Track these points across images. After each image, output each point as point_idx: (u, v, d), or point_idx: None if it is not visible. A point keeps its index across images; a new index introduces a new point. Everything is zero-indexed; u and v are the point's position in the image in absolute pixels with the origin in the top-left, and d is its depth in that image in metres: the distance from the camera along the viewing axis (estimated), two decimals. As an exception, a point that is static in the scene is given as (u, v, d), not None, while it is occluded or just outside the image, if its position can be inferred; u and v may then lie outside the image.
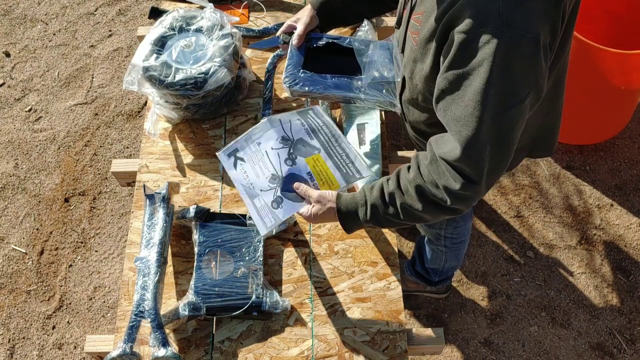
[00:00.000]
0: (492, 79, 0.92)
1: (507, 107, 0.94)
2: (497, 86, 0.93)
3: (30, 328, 2.11)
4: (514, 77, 0.92)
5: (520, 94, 0.94)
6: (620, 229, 2.26)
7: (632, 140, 2.47)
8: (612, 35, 2.34)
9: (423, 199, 1.05)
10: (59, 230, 2.31)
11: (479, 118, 0.94)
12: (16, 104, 2.67)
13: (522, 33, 0.90)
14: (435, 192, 1.03)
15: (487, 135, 0.96)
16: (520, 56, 0.91)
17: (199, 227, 1.33)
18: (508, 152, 1.01)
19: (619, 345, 2.02)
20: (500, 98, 0.94)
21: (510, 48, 0.90)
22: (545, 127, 1.30)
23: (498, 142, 0.98)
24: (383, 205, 1.10)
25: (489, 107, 0.94)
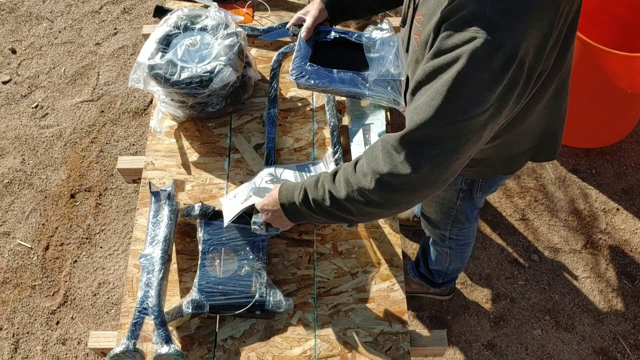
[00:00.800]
0: (461, 79, 0.90)
1: (468, 116, 0.91)
2: (465, 89, 0.90)
3: (34, 323, 2.12)
4: (482, 84, 0.90)
5: (482, 105, 0.91)
6: (625, 233, 2.25)
7: (638, 144, 2.46)
8: (618, 38, 2.32)
9: (347, 186, 1.03)
10: (64, 226, 2.32)
11: (435, 109, 0.91)
12: (23, 101, 2.68)
13: (502, 41, 0.88)
14: (360, 178, 1.01)
15: (435, 132, 0.93)
16: (495, 64, 0.89)
17: (203, 225, 1.33)
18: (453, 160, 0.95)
19: (623, 350, 2.01)
20: (464, 104, 0.91)
21: (487, 52, 0.88)
22: (547, 133, 1.29)
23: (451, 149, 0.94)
24: (314, 188, 1.09)
25: (448, 105, 0.91)
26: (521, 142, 1.27)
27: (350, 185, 1.03)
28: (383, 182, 0.98)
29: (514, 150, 1.30)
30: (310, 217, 1.14)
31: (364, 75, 1.33)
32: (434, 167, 0.96)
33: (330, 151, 1.46)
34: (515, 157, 1.32)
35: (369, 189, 1.00)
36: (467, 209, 1.54)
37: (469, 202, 1.50)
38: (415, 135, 0.95)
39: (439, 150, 0.94)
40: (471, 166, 1.33)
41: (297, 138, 1.52)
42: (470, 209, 1.55)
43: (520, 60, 0.90)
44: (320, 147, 1.50)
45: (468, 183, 1.42)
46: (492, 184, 1.45)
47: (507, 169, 1.37)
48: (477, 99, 0.90)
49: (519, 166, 1.37)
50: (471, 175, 1.39)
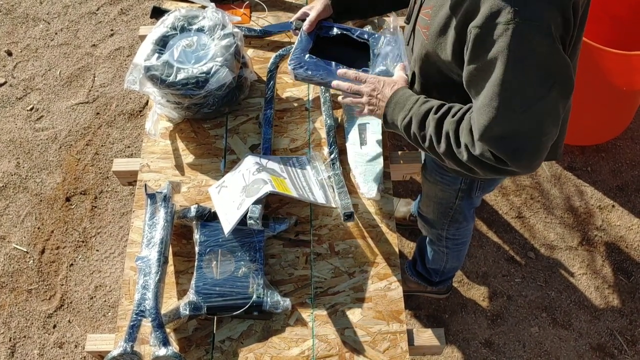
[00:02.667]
0: (508, 71, 0.92)
1: (531, 100, 0.94)
2: (515, 80, 0.93)
3: (31, 327, 2.11)
4: (532, 68, 0.93)
5: (543, 86, 0.94)
6: (621, 230, 2.26)
7: (633, 141, 2.47)
8: (614, 37, 2.33)
9: (446, 144, 1.08)
10: (60, 229, 2.31)
11: (496, 109, 0.95)
12: (18, 103, 2.67)
13: (534, 24, 0.90)
14: (457, 144, 1.06)
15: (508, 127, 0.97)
16: (536, 47, 0.91)
17: (200, 227, 1.33)
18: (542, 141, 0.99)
19: (619, 346, 2.02)
20: (522, 92, 0.94)
21: (524, 39, 0.91)
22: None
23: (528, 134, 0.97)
24: (419, 124, 1.12)
25: (511, 100, 0.94)
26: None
27: (449, 146, 1.07)
28: (477, 161, 1.04)
29: None
30: (403, 136, 1.18)
31: (364, 71, 1.34)
32: (529, 156, 0.99)
33: (327, 151, 1.46)
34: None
35: (465, 159, 1.05)
36: (465, 208, 1.54)
37: (467, 202, 1.50)
38: (488, 136, 0.99)
39: (521, 142, 0.98)
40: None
41: (293, 138, 1.52)
42: (467, 209, 1.56)
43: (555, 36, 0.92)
44: (316, 148, 1.50)
45: (467, 183, 1.43)
46: (491, 183, 1.45)
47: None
48: (533, 84, 0.93)
49: None
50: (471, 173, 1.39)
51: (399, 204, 2.22)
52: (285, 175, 1.38)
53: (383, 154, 1.46)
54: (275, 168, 1.39)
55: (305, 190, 1.37)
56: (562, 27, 0.95)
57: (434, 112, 1.11)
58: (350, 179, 1.45)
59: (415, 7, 1.19)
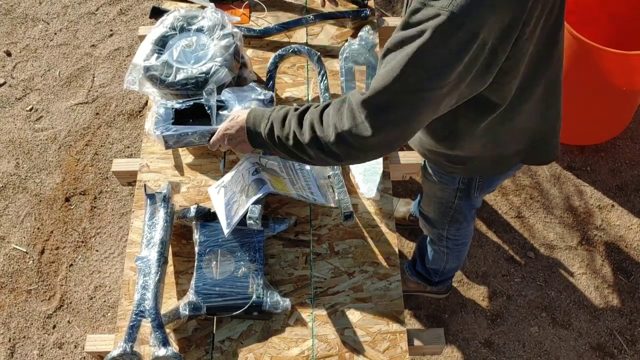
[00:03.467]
0: (421, 52, 0.93)
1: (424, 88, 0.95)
2: (423, 61, 0.93)
3: (30, 327, 2.11)
4: (439, 59, 0.93)
5: (439, 80, 0.94)
6: (621, 229, 2.26)
7: (633, 141, 2.47)
8: (613, 36, 2.34)
9: (311, 132, 1.08)
10: (59, 230, 2.31)
11: (395, 78, 0.96)
12: (17, 104, 2.67)
13: (463, 20, 0.89)
14: (324, 129, 1.07)
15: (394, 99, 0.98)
16: (456, 41, 0.91)
17: (199, 227, 1.33)
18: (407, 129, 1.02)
19: (619, 345, 2.02)
20: (421, 75, 0.94)
21: (449, 29, 0.90)
22: (538, 136, 1.29)
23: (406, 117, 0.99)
24: (280, 125, 1.14)
25: (407, 78, 0.95)
26: (510, 143, 1.27)
27: (314, 131, 1.08)
28: (343, 138, 1.04)
29: (503, 151, 1.30)
30: (271, 148, 1.19)
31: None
32: (390, 131, 1.01)
33: None
34: (504, 157, 1.32)
35: (330, 141, 1.06)
36: (464, 208, 1.54)
37: (466, 202, 1.50)
38: (375, 100, 1.00)
39: (396, 116, 0.99)
40: (460, 163, 1.34)
41: (293, 138, 1.52)
42: (468, 209, 1.56)
43: (483, 40, 0.91)
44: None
45: (465, 182, 1.43)
46: (490, 183, 1.45)
47: (497, 169, 1.37)
48: (435, 73, 0.94)
49: (508, 167, 1.37)
50: (461, 173, 1.39)
51: (399, 203, 2.22)
52: (284, 175, 1.38)
53: (382, 154, 1.46)
54: (275, 168, 1.39)
55: (305, 190, 1.37)
56: (499, 39, 0.93)
57: (293, 111, 1.13)
58: (349, 179, 1.45)
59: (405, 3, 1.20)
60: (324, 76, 1.53)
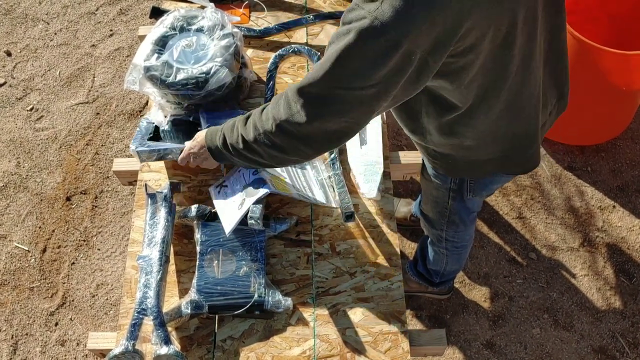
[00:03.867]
0: (348, 49, 0.95)
1: (352, 87, 0.98)
2: (349, 61, 0.96)
3: (33, 325, 2.11)
4: (365, 61, 0.95)
5: (366, 80, 0.97)
6: (622, 231, 2.26)
7: (633, 141, 2.47)
8: (613, 36, 2.34)
9: (255, 129, 1.13)
10: (61, 229, 2.31)
11: (324, 72, 1.00)
12: (18, 103, 2.67)
13: (385, 29, 0.91)
14: (264, 122, 1.12)
15: (324, 92, 1.02)
16: (378, 47, 0.93)
17: (200, 226, 1.33)
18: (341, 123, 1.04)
19: (621, 348, 2.02)
20: (346, 72, 0.98)
21: (371, 34, 0.92)
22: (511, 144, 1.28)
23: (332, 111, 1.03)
24: (230, 132, 1.20)
25: (334, 73, 0.99)
26: (480, 148, 1.27)
27: (256, 128, 1.13)
28: (282, 128, 1.09)
29: (475, 156, 1.30)
30: (232, 159, 1.24)
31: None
32: (323, 123, 1.05)
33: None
34: (478, 163, 1.33)
35: (271, 132, 1.10)
36: (460, 210, 1.54)
37: (460, 204, 1.50)
38: (308, 90, 1.04)
39: (329, 109, 1.03)
40: (435, 158, 1.36)
41: (294, 138, 1.52)
42: (464, 212, 1.55)
43: (407, 50, 0.93)
44: (318, 147, 1.50)
45: (457, 183, 1.43)
46: (482, 186, 1.45)
47: (474, 173, 1.38)
48: (358, 74, 0.97)
49: (485, 173, 1.37)
50: (442, 170, 1.39)
51: (400, 204, 2.22)
52: (285, 175, 1.38)
53: (383, 153, 1.45)
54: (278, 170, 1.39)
55: (306, 190, 1.37)
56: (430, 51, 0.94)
57: (239, 120, 1.19)
58: (350, 179, 1.44)
59: None
60: (326, 76, 1.53)
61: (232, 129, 1.19)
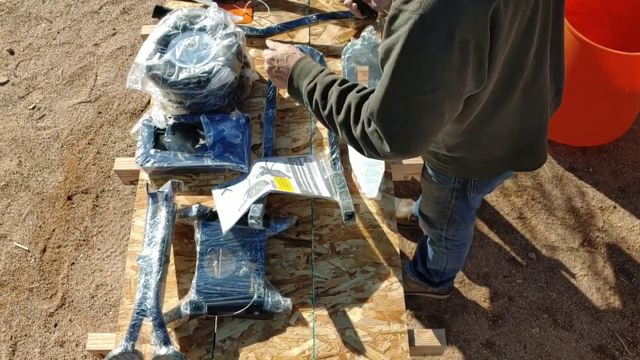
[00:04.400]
0: (402, 58, 0.94)
1: (414, 93, 0.97)
2: (406, 67, 0.95)
3: (32, 325, 2.11)
4: (422, 63, 0.94)
5: (428, 83, 0.95)
6: (623, 231, 2.26)
7: (635, 142, 2.47)
8: (616, 38, 2.33)
9: (345, 115, 1.12)
10: (61, 228, 2.32)
11: (384, 89, 0.99)
12: (20, 102, 2.68)
13: (437, 21, 0.90)
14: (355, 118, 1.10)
15: (393, 113, 1.01)
16: (431, 44, 0.91)
17: (201, 226, 1.33)
18: (419, 138, 1.03)
19: (621, 347, 2.02)
20: (410, 79, 0.96)
21: (421, 33, 0.91)
22: (524, 140, 1.29)
23: (405, 124, 1.01)
24: (322, 91, 1.17)
25: (398, 84, 0.97)
26: (493, 147, 1.27)
27: (347, 118, 1.11)
28: (366, 137, 1.08)
29: (488, 155, 1.30)
30: (303, 102, 1.23)
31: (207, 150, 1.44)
32: (399, 138, 1.03)
33: (328, 151, 1.46)
34: (491, 162, 1.32)
35: (357, 134, 1.10)
36: (462, 209, 1.54)
37: (463, 203, 1.50)
38: (377, 113, 1.03)
39: (401, 124, 1.01)
40: (446, 162, 1.35)
41: (295, 138, 1.52)
42: (465, 210, 1.55)
43: (461, 38, 0.91)
44: (318, 147, 1.50)
45: (461, 182, 1.43)
46: (486, 184, 1.45)
47: (486, 174, 1.37)
48: (420, 77, 0.95)
49: (497, 173, 1.37)
50: (451, 172, 1.39)
51: (400, 204, 2.22)
52: (290, 174, 1.39)
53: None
54: (281, 169, 1.39)
55: (310, 186, 1.37)
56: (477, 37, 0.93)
57: (338, 84, 1.15)
58: (351, 179, 1.45)
59: None
60: (327, 76, 1.53)
61: (326, 92, 1.16)
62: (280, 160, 1.42)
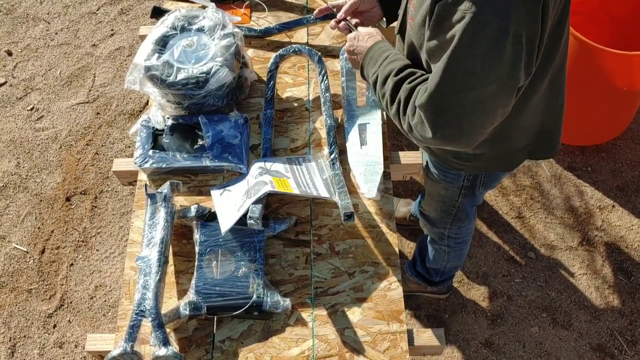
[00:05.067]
0: (456, 55, 0.96)
1: (468, 87, 0.98)
2: (460, 63, 0.97)
3: (31, 327, 2.11)
4: (476, 59, 0.95)
5: (481, 78, 0.97)
6: (621, 230, 2.26)
7: (634, 142, 2.47)
8: (615, 37, 2.34)
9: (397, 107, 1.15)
10: (60, 229, 2.32)
11: (437, 84, 1.01)
12: (18, 103, 2.68)
13: (490, 17, 0.91)
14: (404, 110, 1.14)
15: (441, 102, 1.03)
16: (485, 40, 0.93)
17: (200, 227, 1.33)
18: (469, 130, 1.05)
19: (620, 346, 2.02)
20: (462, 76, 0.98)
21: (477, 30, 0.92)
22: (545, 129, 1.30)
23: (457, 116, 1.03)
24: (381, 82, 1.21)
25: (450, 81, 0.99)
26: (518, 138, 1.28)
27: (398, 108, 1.15)
28: (412, 129, 1.12)
29: (511, 147, 1.30)
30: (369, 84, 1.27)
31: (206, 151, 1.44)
32: (447, 130, 1.06)
33: (327, 151, 1.46)
34: (512, 153, 1.33)
35: (406, 129, 1.14)
36: (467, 206, 1.54)
37: (470, 199, 1.51)
38: (428, 104, 1.05)
39: (450, 117, 1.04)
40: (467, 160, 1.34)
41: (293, 138, 1.52)
42: (470, 206, 1.56)
43: (515, 34, 0.93)
44: (317, 148, 1.50)
45: (471, 180, 1.43)
46: (494, 179, 1.46)
47: (506, 166, 1.37)
48: (473, 73, 0.96)
49: (517, 163, 1.37)
50: (469, 170, 1.39)
51: (399, 204, 2.22)
52: (289, 174, 1.39)
53: (383, 154, 1.46)
54: (280, 169, 1.39)
55: (309, 187, 1.37)
56: (528, 28, 0.94)
57: (394, 75, 1.17)
58: (350, 179, 1.45)
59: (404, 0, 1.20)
60: (325, 76, 1.53)
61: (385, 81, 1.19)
62: (279, 161, 1.42)
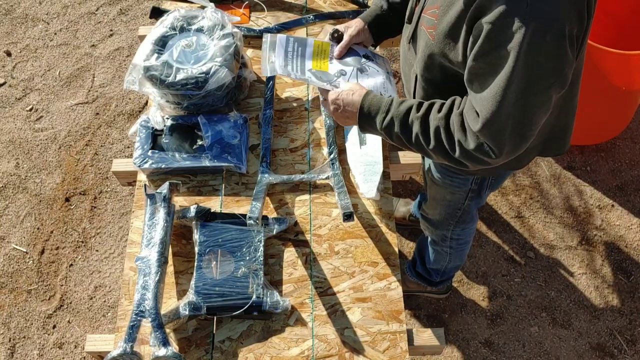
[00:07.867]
0: (517, 68, 0.96)
1: (530, 94, 0.99)
2: (522, 75, 0.96)
3: (30, 327, 2.11)
4: (538, 66, 0.96)
5: (543, 83, 0.98)
6: (621, 229, 2.26)
7: (633, 141, 2.47)
8: (613, 36, 2.34)
9: (437, 141, 1.11)
10: (59, 230, 2.31)
11: (499, 103, 0.99)
12: (17, 104, 2.67)
13: (548, 23, 0.92)
14: (449, 140, 1.09)
15: (507, 119, 1.01)
16: (546, 46, 0.94)
17: (199, 227, 1.33)
18: (529, 134, 1.06)
19: (619, 345, 2.02)
20: (524, 86, 0.98)
21: (536, 38, 0.93)
22: (558, 127, 1.29)
23: (518, 125, 1.03)
24: (401, 124, 1.14)
25: (510, 94, 0.98)
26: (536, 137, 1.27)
27: (440, 141, 1.10)
28: (470, 154, 1.08)
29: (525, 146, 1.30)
30: (381, 136, 1.20)
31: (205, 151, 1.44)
32: (512, 143, 1.05)
33: (326, 151, 1.46)
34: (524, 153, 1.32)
35: (456, 155, 1.10)
36: (472, 208, 1.54)
37: (476, 201, 1.50)
38: (489, 128, 1.03)
39: (513, 130, 1.03)
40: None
41: (293, 138, 1.52)
42: (474, 209, 1.56)
43: (569, 34, 0.95)
44: (316, 147, 1.50)
45: (478, 183, 1.42)
46: (500, 180, 1.46)
47: (518, 164, 1.37)
48: (536, 79, 0.97)
49: (527, 161, 1.37)
50: (480, 174, 1.39)
51: (399, 203, 2.22)
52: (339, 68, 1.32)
53: (383, 153, 1.46)
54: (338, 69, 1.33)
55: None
56: (577, 24, 0.96)
57: (415, 111, 1.13)
58: (349, 179, 1.45)
59: (418, 8, 1.18)
60: (324, 76, 1.53)
61: (406, 123, 1.13)
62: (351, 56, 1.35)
